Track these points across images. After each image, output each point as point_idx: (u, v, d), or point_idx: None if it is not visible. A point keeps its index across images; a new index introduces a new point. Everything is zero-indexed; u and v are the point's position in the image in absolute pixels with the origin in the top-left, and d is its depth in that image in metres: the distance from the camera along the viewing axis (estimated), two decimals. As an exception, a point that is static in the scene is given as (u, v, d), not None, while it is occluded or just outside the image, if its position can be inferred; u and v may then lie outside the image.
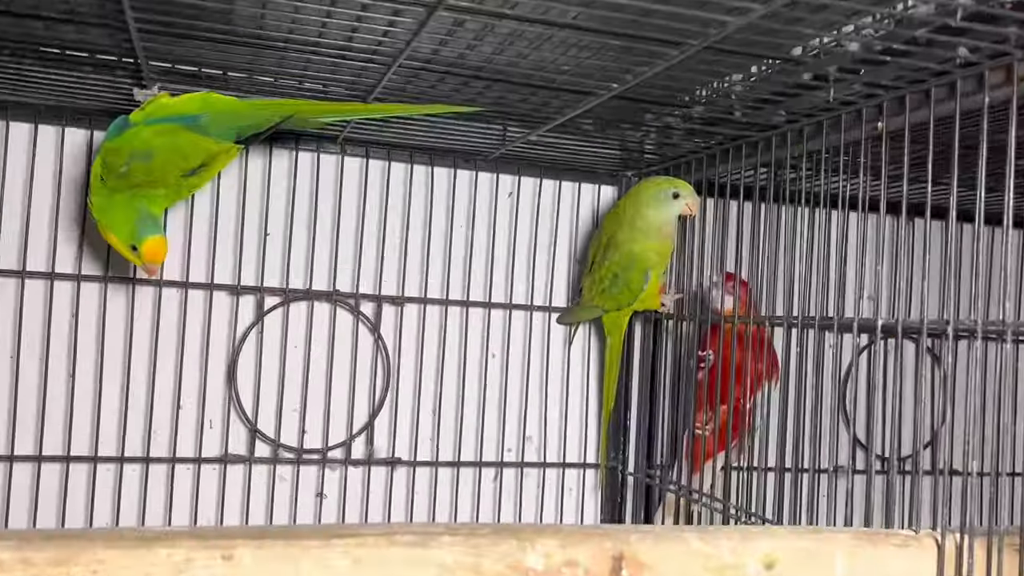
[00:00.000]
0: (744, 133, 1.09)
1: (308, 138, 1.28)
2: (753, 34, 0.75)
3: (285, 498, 1.27)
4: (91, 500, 1.20)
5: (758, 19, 0.71)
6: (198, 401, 1.25)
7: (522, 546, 0.64)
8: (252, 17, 0.80)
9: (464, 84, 0.96)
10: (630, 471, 1.39)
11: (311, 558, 0.60)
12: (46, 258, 1.19)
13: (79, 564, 0.55)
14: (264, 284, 1.27)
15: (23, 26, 0.85)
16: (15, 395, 1.17)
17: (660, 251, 1.22)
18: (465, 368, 1.35)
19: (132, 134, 0.98)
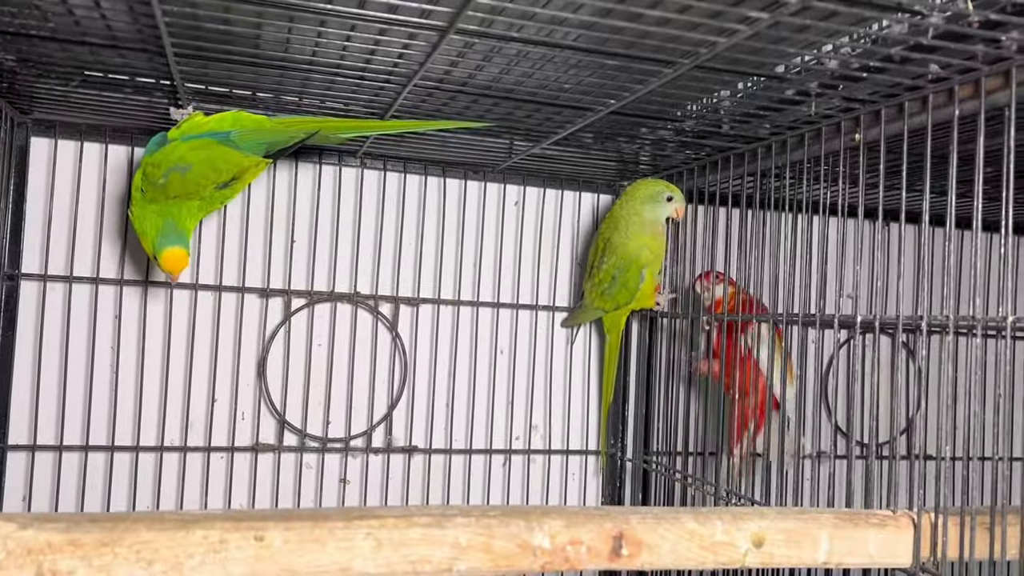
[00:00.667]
0: (732, 145, 1.09)
1: (330, 153, 1.28)
2: (740, 53, 0.75)
3: (311, 484, 1.27)
4: (134, 486, 1.20)
5: (744, 40, 0.70)
6: (231, 395, 1.25)
7: (530, 526, 0.64)
8: (278, 42, 0.80)
9: (474, 101, 0.96)
10: (628, 457, 1.39)
11: (336, 538, 0.60)
12: (91, 264, 1.19)
13: (123, 545, 0.55)
14: (291, 287, 1.27)
15: (69, 51, 0.85)
16: (64, 390, 1.18)
17: (653, 249, 1.22)
18: (476, 363, 1.35)
19: (170, 149, 0.98)
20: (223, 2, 0.69)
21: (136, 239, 1.08)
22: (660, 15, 0.67)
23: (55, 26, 0.78)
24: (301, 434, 1.27)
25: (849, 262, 0.97)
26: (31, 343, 1.17)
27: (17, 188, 1.15)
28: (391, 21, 0.72)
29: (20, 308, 1.16)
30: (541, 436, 1.39)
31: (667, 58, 0.77)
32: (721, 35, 0.70)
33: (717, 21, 0.67)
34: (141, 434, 1.20)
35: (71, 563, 0.54)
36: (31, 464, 1.17)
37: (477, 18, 0.70)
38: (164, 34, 0.76)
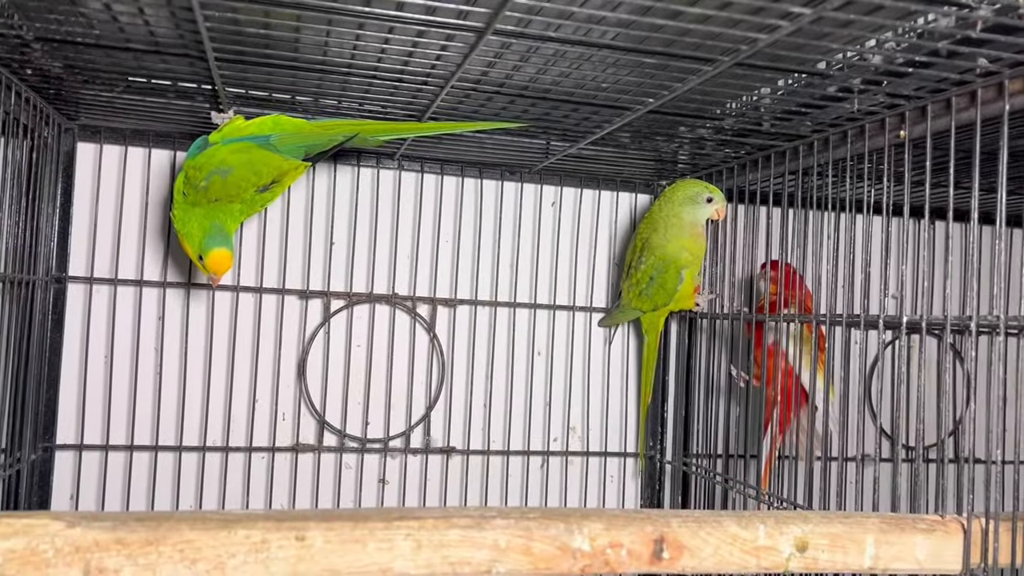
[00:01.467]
0: (772, 143, 1.08)
1: (368, 155, 1.28)
2: (781, 50, 0.74)
3: (350, 484, 1.28)
4: (177, 485, 1.22)
5: (786, 36, 0.69)
6: (272, 395, 1.26)
7: (569, 529, 0.63)
8: (317, 45, 0.81)
9: (510, 102, 0.96)
10: (667, 459, 1.38)
11: (376, 539, 0.60)
12: (135, 267, 1.21)
13: (168, 544, 0.56)
14: (330, 288, 1.28)
15: (114, 57, 0.87)
16: (109, 391, 1.20)
17: (693, 251, 1.20)
18: (513, 364, 1.35)
19: (211, 152, 0.99)
20: (263, 7, 0.70)
21: (178, 242, 1.10)
22: (700, 12, 0.67)
23: (100, 33, 0.79)
24: (340, 434, 1.27)
25: (893, 262, 0.95)
26: (78, 345, 1.20)
27: (64, 193, 1.18)
28: (429, 23, 0.72)
29: (67, 310, 1.19)
30: (579, 438, 1.38)
31: (707, 55, 0.77)
32: (762, 31, 0.69)
33: (759, 17, 0.66)
34: (184, 434, 1.22)
35: (117, 561, 0.55)
36: (78, 463, 1.19)
37: (514, 18, 0.70)
38: (205, 39, 0.77)
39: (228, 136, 1.00)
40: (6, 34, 0.79)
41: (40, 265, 1.12)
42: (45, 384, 1.16)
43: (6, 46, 0.84)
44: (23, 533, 0.54)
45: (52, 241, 1.16)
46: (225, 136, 1.00)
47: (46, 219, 1.14)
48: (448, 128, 1.03)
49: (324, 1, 0.69)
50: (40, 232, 1.11)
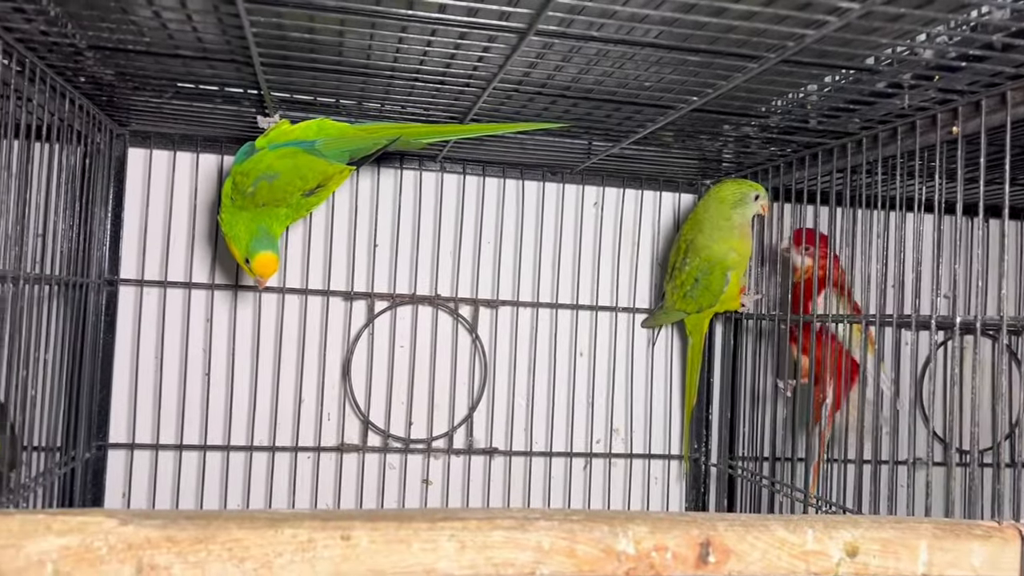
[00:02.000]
0: (819, 140, 1.06)
1: (411, 158, 1.29)
2: (829, 45, 0.73)
3: (394, 484, 1.29)
4: (225, 484, 1.23)
5: (834, 31, 0.68)
6: (317, 396, 1.27)
7: (614, 531, 0.63)
8: (361, 49, 0.81)
9: (552, 103, 0.96)
10: (713, 462, 1.36)
11: (421, 539, 0.60)
12: (184, 270, 1.24)
13: (216, 543, 0.57)
14: (374, 290, 1.29)
15: (163, 64, 0.88)
16: (159, 391, 1.22)
17: (740, 251, 1.19)
18: (555, 365, 1.34)
19: (258, 158, 1.01)
20: (308, 11, 0.71)
21: (225, 245, 1.12)
22: (745, 9, 0.66)
23: (150, 40, 0.81)
24: (384, 435, 1.28)
25: (946, 260, 0.93)
26: (129, 346, 1.22)
27: (116, 197, 1.20)
28: (471, 25, 0.72)
29: (119, 312, 1.21)
30: (622, 439, 1.37)
31: (752, 52, 0.76)
32: (809, 27, 0.68)
33: (806, 13, 0.65)
34: (232, 434, 1.24)
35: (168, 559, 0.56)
36: (130, 462, 1.22)
37: (556, 18, 0.70)
38: (252, 44, 0.78)
39: (274, 141, 1.01)
40: (60, 43, 0.82)
41: (93, 268, 1.15)
42: (98, 384, 1.18)
43: (60, 55, 0.86)
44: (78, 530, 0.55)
45: (104, 245, 1.19)
46: (271, 141, 1.01)
47: (99, 223, 1.16)
48: (490, 130, 1.03)
49: (368, 5, 0.70)
50: (93, 236, 1.14)
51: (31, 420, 0.93)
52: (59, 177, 1.00)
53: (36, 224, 0.95)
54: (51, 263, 0.99)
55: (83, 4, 0.72)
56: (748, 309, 1.25)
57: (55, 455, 1.05)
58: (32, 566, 0.54)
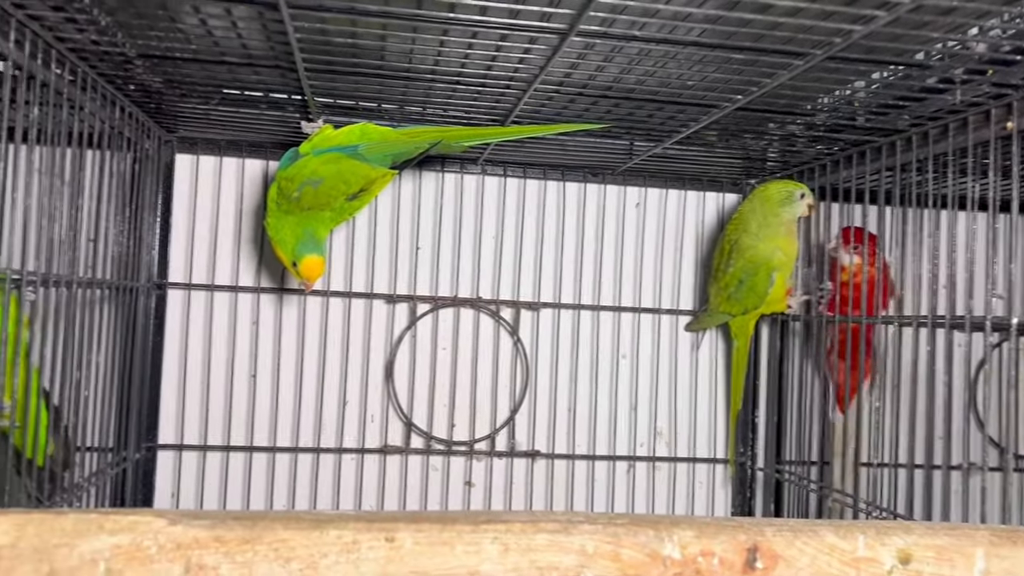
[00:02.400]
0: (868, 138, 1.04)
1: (452, 161, 1.30)
2: (877, 41, 0.71)
3: (437, 486, 1.29)
4: (271, 485, 1.25)
5: (883, 26, 0.67)
6: (361, 398, 1.28)
7: (659, 536, 0.62)
8: (403, 53, 0.82)
9: (593, 103, 0.95)
10: (759, 466, 1.34)
11: (464, 542, 0.60)
12: (231, 273, 1.25)
13: (263, 543, 0.57)
14: (416, 293, 1.29)
15: (209, 71, 0.90)
16: (207, 393, 1.24)
17: (786, 250, 1.17)
18: (597, 368, 1.34)
19: (302, 164, 1.02)
20: (350, 16, 0.72)
21: (271, 249, 1.13)
22: (791, 5, 0.65)
23: (197, 48, 0.82)
24: (427, 437, 1.29)
25: (1001, 260, 0.91)
26: (177, 348, 1.24)
27: (164, 202, 1.23)
28: (512, 27, 0.72)
29: (167, 316, 1.24)
30: (666, 443, 1.36)
31: (798, 49, 0.74)
32: (857, 23, 0.67)
33: (854, 8, 0.64)
34: (277, 435, 1.26)
35: (216, 559, 0.57)
36: (178, 463, 1.24)
37: (598, 18, 0.70)
38: (295, 50, 0.79)
39: (318, 147, 1.02)
40: (111, 52, 0.83)
41: (142, 272, 1.17)
42: (148, 386, 1.21)
43: (111, 63, 0.88)
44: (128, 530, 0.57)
45: (153, 249, 1.21)
46: (315, 147, 1.03)
47: (148, 228, 1.19)
48: (531, 131, 1.03)
49: (409, 8, 0.70)
50: (142, 240, 1.16)
51: (84, 421, 0.96)
52: (110, 183, 1.03)
53: (88, 229, 0.97)
54: (102, 267, 1.02)
55: (133, 13, 0.74)
56: (794, 311, 1.23)
57: (107, 455, 1.07)
58: (85, 565, 0.55)
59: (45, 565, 0.55)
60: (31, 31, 0.76)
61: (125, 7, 0.72)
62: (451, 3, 0.69)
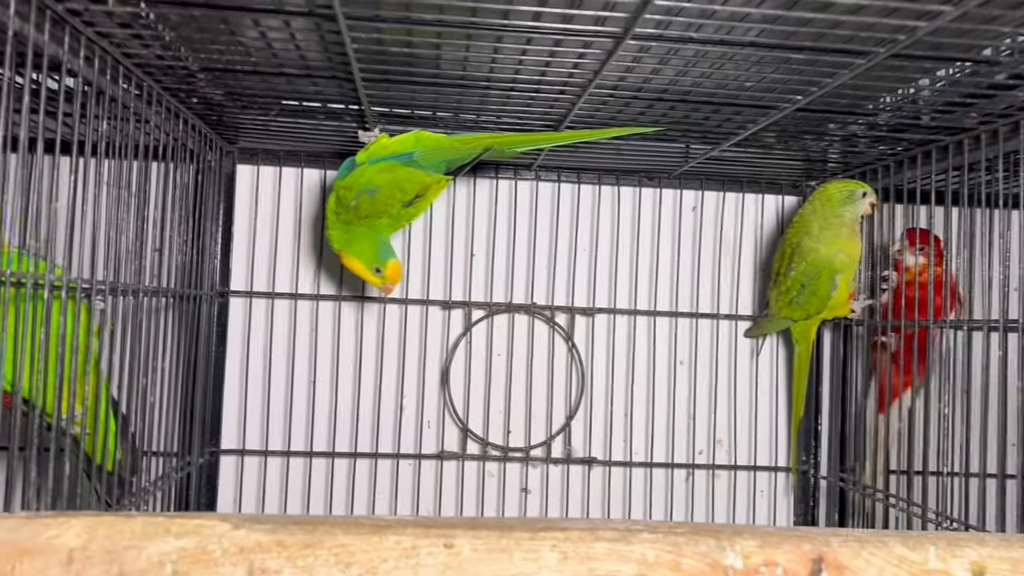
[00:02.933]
0: (933, 137, 1.01)
1: (506, 167, 1.30)
2: (943, 37, 0.69)
3: (493, 492, 1.30)
4: (330, 490, 1.27)
5: (949, 22, 0.65)
6: (417, 403, 1.29)
7: (720, 545, 0.61)
8: (457, 61, 0.82)
9: (648, 107, 0.94)
10: (822, 475, 1.31)
11: (522, 549, 0.60)
12: (290, 280, 1.28)
13: (324, 548, 0.58)
14: (471, 299, 1.30)
15: (269, 83, 0.92)
16: (267, 399, 1.27)
17: (849, 252, 1.14)
18: (654, 374, 1.32)
19: (359, 172, 1.03)
20: (406, 26, 0.72)
21: (331, 257, 1.15)
22: (852, 2, 0.63)
23: (256, 60, 0.84)
24: (483, 443, 1.29)
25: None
26: (239, 355, 1.27)
27: (226, 212, 1.26)
28: (566, 32, 0.72)
29: (229, 323, 1.27)
30: (726, 451, 1.34)
31: (860, 48, 0.73)
32: (922, 19, 0.65)
33: (918, 4, 0.62)
34: (336, 440, 1.27)
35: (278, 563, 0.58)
36: (240, 467, 1.26)
37: (653, 21, 0.69)
38: (352, 60, 0.80)
39: (374, 155, 1.04)
40: (174, 66, 0.86)
41: (205, 280, 1.20)
42: (211, 392, 1.23)
43: (174, 77, 0.90)
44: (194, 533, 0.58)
45: (215, 258, 1.24)
46: (371, 155, 1.04)
47: (210, 237, 1.22)
48: (583, 136, 1.03)
49: (464, 17, 0.70)
50: (205, 249, 1.19)
51: (150, 426, 0.98)
52: (174, 194, 1.05)
53: (153, 239, 1.00)
54: (167, 276, 1.04)
55: (195, 28, 0.76)
56: (857, 315, 1.20)
57: (172, 460, 1.10)
58: (153, 567, 0.56)
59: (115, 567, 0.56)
60: (100, 48, 0.78)
61: (188, 22, 0.74)
62: (505, 10, 0.69)
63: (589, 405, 1.31)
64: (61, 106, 0.74)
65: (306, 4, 0.69)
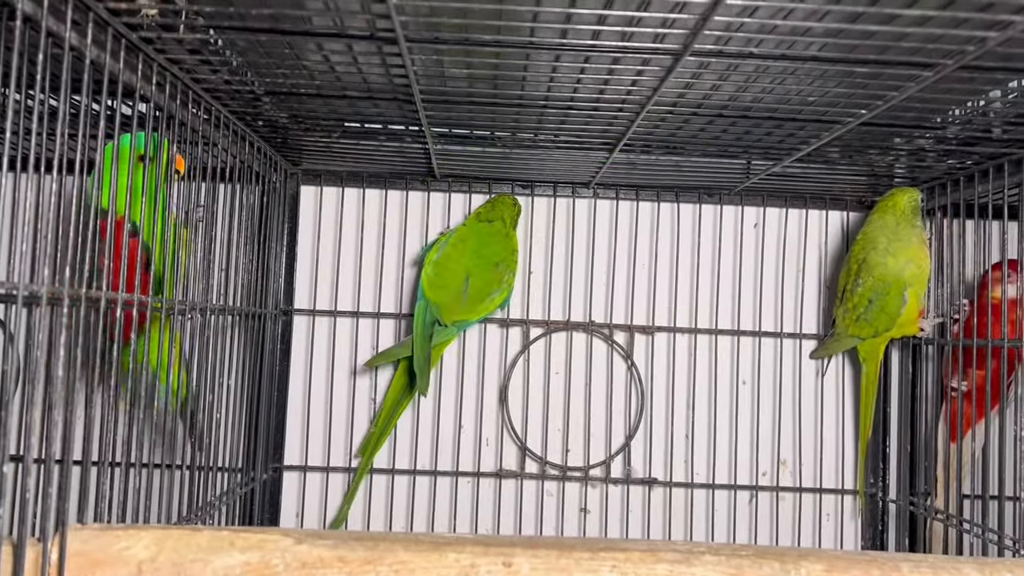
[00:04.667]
0: (1005, 151, 0.97)
1: (564, 185, 1.30)
2: (1014, 47, 0.67)
3: (552, 511, 1.29)
4: (390, 506, 1.28)
5: (1020, 32, 0.63)
6: (475, 421, 1.30)
7: (785, 568, 0.60)
8: (515, 80, 0.83)
9: (709, 123, 0.94)
10: (891, 498, 1.27)
11: (582, 569, 0.59)
12: (352, 299, 1.30)
13: (384, 564, 0.59)
14: (529, 317, 1.30)
15: (331, 105, 0.94)
16: (330, 416, 1.28)
17: (919, 263, 1.11)
18: (716, 394, 1.30)
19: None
20: (465, 47, 0.73)
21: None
22: (918, 14, 0.62)
23: (320, 84, 0.86)
24: (542, 461, 1.29)
25: None
26: (302, 373, 1.29)
27: (290, 233, 1.29)
28: (625, 49, 0.72)
29: (292, 341, 1.29)
30: (790, 473, 1.31)
31: (926, 60, 0.71)
32: (992, 29, 0.63)
33: (988, 14, 0.61)
34: (396, 458, 1.28)
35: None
36: (303, 483, 1.28)
37: (712, 37, 0.69)
38: (413, 82, 0.82)
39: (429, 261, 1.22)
40: (241, 90, 0.88)
41: (270, 299, 1.23)
42: (275, 409, 1.26)
43: (241, 101, 0.93)
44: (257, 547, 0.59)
45: (280, 277, 1.27)
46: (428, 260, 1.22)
47: (274, 257, 1.24)
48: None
49: (523, 37, 0.71)
50: (269, 269, 1.22)
51: (216, 442, 1.00)
52: (240, 215, 1.08)
53: (220, 259, 1.02)
54: (233, 295, 1.07)
55: (261, 53, 0.78)
56: (928, 334, 1.17)
57: (236, 476, 1.12)
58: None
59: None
60: (171, 74, 0.81)
61: (254, 47, 0.77)
62: (564, 29, 0.69)
63: (649, 425, 1.30)
64: (134, 131, 0.77)
65: (368, 28, 0.70)
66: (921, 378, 1.24)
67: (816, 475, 1.30)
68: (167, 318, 0.85)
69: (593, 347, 1.31)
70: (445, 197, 1.31)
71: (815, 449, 1.30)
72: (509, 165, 1.19)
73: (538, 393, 1.30)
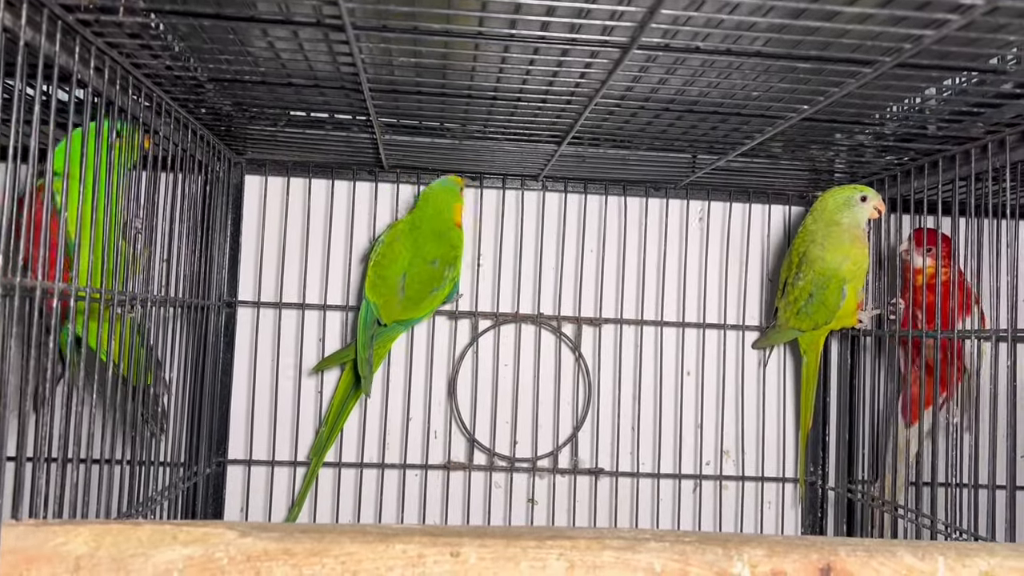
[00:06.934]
0: (940, 147, 1.01)
1: (513, 177, 1.30)
2: (950, 46, 0.69)
3: (500, 502, 1.29)
4: (336, 499, 1.27)
5: (956, 31, 0.65)
6: (424, 414, 1.29)
7: (728, 554, 0.61)
8: (464, 71, 0.83)
9: (655, 117, 0.95)
10: (830, 486, 1.31)
11: (529, 558, 0.60)
12: (298, 291, 1.28)
13: (331, 556, 0.58)
14: (477, 309, 1.30)
15: (277, 93, 0.92)
16: (275, 409, 1.27)
17: (855, 258, 1.13)
18: (661, 385, 1.32)
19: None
20: (413, 36, 0.73)
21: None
22: (859, 11, 0.63)
23: (265, 71, 0.85)
24: (490, 453, 1.29)
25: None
26: (246, 365, 1.27)
27: (234, 223, 1.26)
28: (574, 41, 0.72)
29: (237, 333, 1.27)
30: (733, 462, 1.33)
31: (866, 57, 0.73)
32: (929, 27, 0.65)
33: (925, 12, 0.62)
34: (343, 451, 1.27)
35: (284, 570, 0.58)
36: (247, 477, 1.26)
37: (659, 31, 0.69)
38: (361, 71, 0.81)
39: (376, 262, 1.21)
40: (183, 76, 0.86)
41: (213, 290, 1.20)
42: (218, 402, 1.23)
43: (183, 87, 0.91)
44: (201, 541, 0.58)
45: (223, 268, 1.25)
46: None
47: (218, 247, 1.22)
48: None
49: (472, 27, 0.71)
50: (213, 260, 1.19)
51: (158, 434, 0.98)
52: (182, 205, 1.06)
53: (162, 249, 1.00)
54: (175, 286, 1.05)
55: (204, 39, 0.76)
56: (865, 325, 1.20)
57: (179, 470, 1.10)
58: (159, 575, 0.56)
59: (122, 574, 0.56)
60: (110, 58, 0.79)
61: (197, 32, 0.75)
62: (512, 19, 0.69)
63: (596, 416, 1.31)
64: (71, 117, 0.75)
65: (314, 14, 0.69)
66: (859, 368, 1.27)
67: (758, 464, 1.33)
68: (106, 308, 0.83)
69: (542, 339, 1.31)
70: (393, 188, 1.30)
71: (757, 438, 1.33)
72: (458, 156, 1.19)
73: (487, 385, 1.30)
